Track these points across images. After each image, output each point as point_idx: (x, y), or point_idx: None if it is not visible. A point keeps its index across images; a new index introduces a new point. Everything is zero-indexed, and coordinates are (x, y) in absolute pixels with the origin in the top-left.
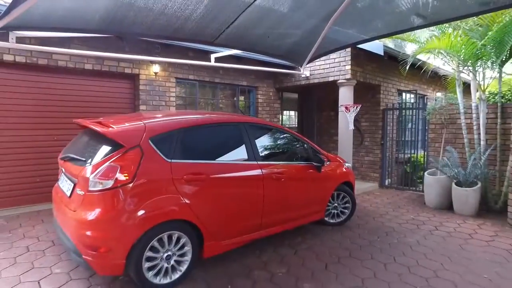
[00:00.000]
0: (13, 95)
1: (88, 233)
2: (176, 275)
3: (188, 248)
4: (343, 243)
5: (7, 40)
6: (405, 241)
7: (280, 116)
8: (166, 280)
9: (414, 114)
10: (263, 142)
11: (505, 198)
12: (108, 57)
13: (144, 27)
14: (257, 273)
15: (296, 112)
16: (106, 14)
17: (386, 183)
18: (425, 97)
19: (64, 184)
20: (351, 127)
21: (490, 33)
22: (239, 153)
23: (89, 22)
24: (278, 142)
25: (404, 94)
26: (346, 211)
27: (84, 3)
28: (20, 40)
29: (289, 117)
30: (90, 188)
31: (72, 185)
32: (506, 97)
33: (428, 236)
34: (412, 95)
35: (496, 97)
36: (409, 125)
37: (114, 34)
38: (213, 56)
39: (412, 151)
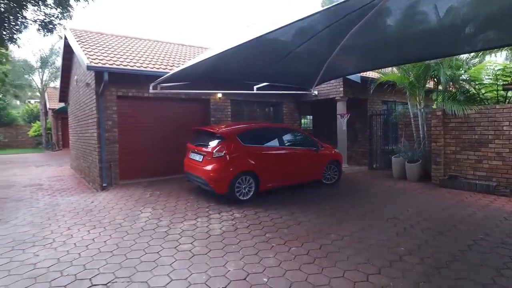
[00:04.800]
0: (148, 113)
1: (212, 174)
2: (248, 196)
3: (253, 184)
4: (333, 190)
5: (156, 88)
6: (369, 191)
7: (299, 120)
8: (244, 198)
9: (389, 118)
10: (286, 136)
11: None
12: (196, 92)
13: (220, 76)
14: (286, 197)
15: (311, 116)
16: (205, 71)
17: (374, 166)
18: (405, 104)
19: (195, 156)
20: (344, 128)
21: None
22: (274, 142)
23: (195, 76)
24: (294, 137)
25: (388, 103)
26: (335, 177)
27: (196, 69)
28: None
29: (307, 120)
30: (214, 156)
31: (202, 156)
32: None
33: (384, 189)
34: (394, 104)
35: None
36: (387, 126)
37: (206, 80)
38: (255, 87)
39: (393, 144)
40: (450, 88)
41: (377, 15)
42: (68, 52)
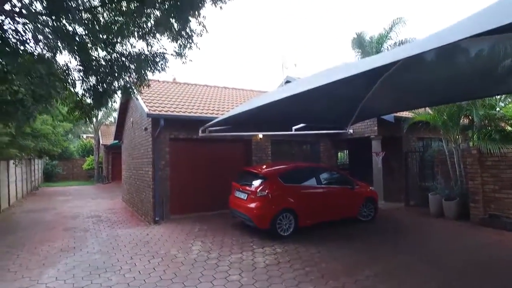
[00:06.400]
0: (195, 153)
1: (256, 211)
2: (288, 232)
3: (292, 221)
4: (369, 227)
5: (204, 132)
6: (406, 228)
7: (336, 158)
8: (285, 234)
9: (424, 155)
10: (323, 175)
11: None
12: (239, 134)
13: (261, 119)
14: (323, 233)
15: (347, 152)
16: (248, 117)
17: (411, 203)
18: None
19: (240, 194)
20: (380, 165)
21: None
22: (312, 181)
23: (239, 121)
24: (330, 175)
25: (424, 140)
26: (371, 214)
27: (241, 115)
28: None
29: (343, 154)
30: (257, 195)
31: (246, 194)
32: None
33: (421, 226)
34: (430, 140)
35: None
36: (423, 162)
37: (248, 123)
38: (293, 128)
39: (430, 181)
40: (486, 126)
41: (406, 64)
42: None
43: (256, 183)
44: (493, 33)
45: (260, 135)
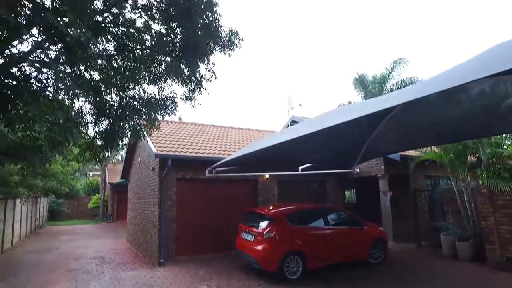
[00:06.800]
0: (202, 194)
1: (263, 253)
2: (296, 275)
3: (300, 263)
4: (379, 270)
5: (211, 172)
6: (418, 271)
7: (343, 198)
8: (293, 277)
9: (433, 194)
10: (331, 216)
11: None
12: (246, 175)
13: (267, 160)
14: (333, 276)
15: (354, 191)
16: (254, 158)
17: (422, 244)
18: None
19: (247, 236)
20: (388, 204)
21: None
22: (320, 222)
23: (245, 161)
24: (338, 216)
25: (432, 178)
26: (382, 255)
27: (247, 156)
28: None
29: (350, 193)
30: (264, 237)
31: (253, 236)
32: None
33: (435, 269)
34: (438, 178)
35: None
36: (432, 201)
37: (255, 163)
38: (299, 168)
39: (441, 220)
40: (494, 164)
41: (409, 105)
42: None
43: (263, 224)
44: (495, 75)
45: (267, 175)
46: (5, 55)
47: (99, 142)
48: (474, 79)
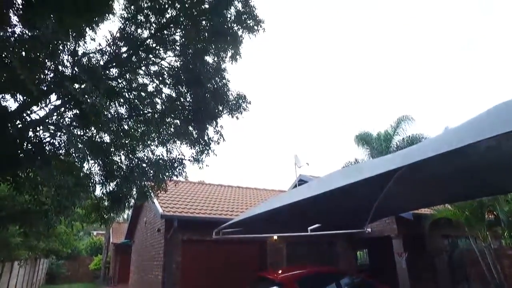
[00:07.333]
0: (209, 256)
1: None
2: None
3: None
4: None
5: (218, 234)
6: None
7: (355, 259)
8: None
9: (452, 255)
10: (344, 280)
11: None
12: (254, 236)
13: (276, 220)
14: None
15: (366, 250)
16: (263, 219)
17: None
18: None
19: None
20: (404, 266)
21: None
22: (332, 287)
23: (253, 223)
24: (351, 280)
25: (450, 238)
26: None
27: (256, 217)
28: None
29: (363, 253)
30: None
31: None
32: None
33: None
34: (456, 238)
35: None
36: (452, 262)
37: (263, 224)
38: (309, 229)
39: (464, 284)
40: None
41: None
42: None
43: None
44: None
45: (275, 237)
46: (23, 119)
47: (106, 203)
48: (488, 136)
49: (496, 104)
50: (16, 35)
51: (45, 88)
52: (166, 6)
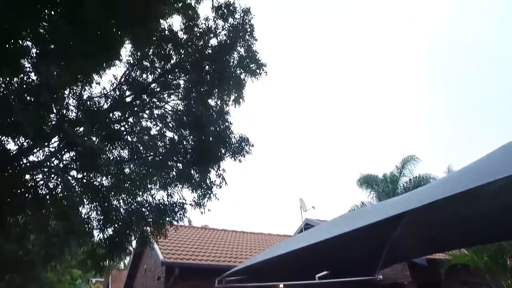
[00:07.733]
0: None
1: None
2: None
3: None
4: None
5: (221, 283)
6: None
7: None
8: None
9: None
10: None
11: None
12: (259, 285)
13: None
14: None
15: None
16: (267, 266)
17: None
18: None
19: None
20: None
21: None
22: None
23: (258, 270)
24: None
25: (470, 284)
26: None
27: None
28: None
29: None
30: None
31: None
32: None
33: None
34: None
35: None
36: None
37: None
38: (316, 276)
39: None
40: None
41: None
42: None
43: None
44: None
45: (281, 285)
46: (21, 162)
47: (102, 250)
48: (504, 176)
49: None
50: (25, 81)
51: (48, 131)
52: (171, 52)
